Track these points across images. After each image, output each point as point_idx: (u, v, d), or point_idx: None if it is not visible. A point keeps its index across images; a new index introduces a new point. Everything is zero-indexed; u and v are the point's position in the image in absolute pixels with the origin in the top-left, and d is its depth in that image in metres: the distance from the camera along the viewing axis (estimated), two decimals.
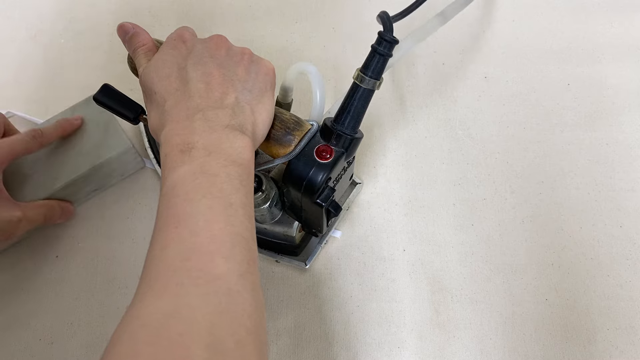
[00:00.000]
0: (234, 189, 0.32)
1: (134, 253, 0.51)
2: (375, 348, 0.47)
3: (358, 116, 0.40)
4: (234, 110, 0.36)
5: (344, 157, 0.41)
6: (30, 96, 0.60)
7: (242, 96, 0.37)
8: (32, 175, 0.50)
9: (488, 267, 0.51)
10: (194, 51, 0.38)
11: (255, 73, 0.39)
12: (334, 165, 0.39)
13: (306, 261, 0.50)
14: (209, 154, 0.33)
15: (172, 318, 0.26)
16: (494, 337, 0.48)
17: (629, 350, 0.47)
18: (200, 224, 0.30)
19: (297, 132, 0.40)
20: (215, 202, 0.31)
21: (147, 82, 0.38)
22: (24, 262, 0.51)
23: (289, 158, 0.40)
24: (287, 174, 0.40)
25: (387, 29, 0.38)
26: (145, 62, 0.39)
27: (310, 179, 0.39)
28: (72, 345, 0.47)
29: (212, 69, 0.37)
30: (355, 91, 0.39)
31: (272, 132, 0.40)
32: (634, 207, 0.54)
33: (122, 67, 0.62)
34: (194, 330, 0.26)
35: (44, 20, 0.66)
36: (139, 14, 0.67)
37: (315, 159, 0.39)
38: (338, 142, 0.40)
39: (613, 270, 0.51)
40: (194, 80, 0.36)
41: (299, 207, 0.44)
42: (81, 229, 0.53)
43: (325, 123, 0.41)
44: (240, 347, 0.27)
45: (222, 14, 0.67)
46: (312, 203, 0.41)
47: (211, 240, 0.30)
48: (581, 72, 0.62)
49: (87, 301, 0.49)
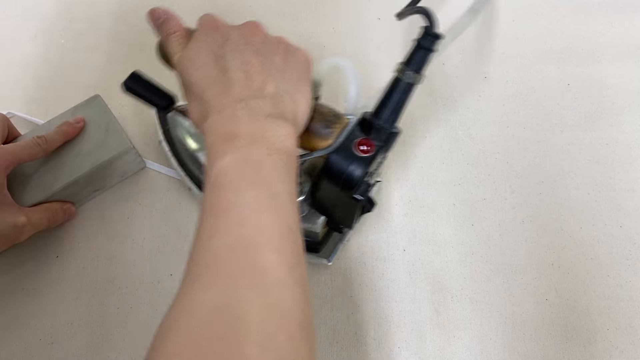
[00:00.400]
0: (279, 178, 0.31)
1: (134, 253, 0.51)
2: (375, 348, 0.47)
3: (398, 110, 0.40)
4: (275, 100, 0.35)
5: (383, 152, 0.40)
6: (30, 96, 0.60)
7: (282, 85, 0.36)
8: (32, 175, 0.50)
9: (488, 267, 0.51)
10: (230, 39, 0.36)
11: (293, 62, 0.37)
12: (373, 159, 0.39)
13: (328, 258, 0.50)
14: (253, 143, 0.32)
15: (221, 312, 0.25)
16: (494, 337, 0.48)
17: (629, 350, 0.47)
18: (246, 214, 0.29)
19: (337, 125, 0.40)
20: (261, 192, 0.30)
21: (182, 72, 0.37)
22: (24, 263, 0.51)
23: (328, 151, 0.39)
24: (326, 167, 0.40)
25: (432, 24, 0.38)
26: (179, 49, 0.38)
27: (350, 172, 0.39)
28: (72, 345, 0.47)
29: (250, 57, 0.36)
30: (396, 85, 0.39)
31: (311, 124, 0.39)
32: (634, 207, 0.54)
33: (122, 67, 0.62)
34: (244, 326, 0.25)
35: (45, 20, 0.66)
36: (139, 14, 0.67)
37: (355, 152, 0.39)
38: (377, 136, 0.39)
39: (613, 270, 0.51)
40: (232, 69, 0.35)
41: (331, 202, 0.43)
42: (81, 229, 0.53)
43: (364, 117, 0.40)
44: (293, 342, 0.26)
45: (222, 14, 0.67)
46: (349, 198, 0.40)
47: (258, 232, 0.29)
48: (581, 72, 0.62)
49: (87, 301, 0.49)
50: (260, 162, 0.31)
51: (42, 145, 0.49)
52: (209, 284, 0.27)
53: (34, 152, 0.48)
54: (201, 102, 0.35)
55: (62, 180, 0.50)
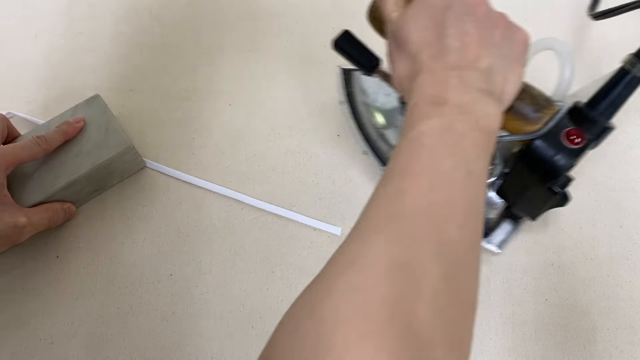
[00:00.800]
0: (478, 156, 0.31)
1: (134, 253, 0.51)
2: None
3: (618, 104, 0.37)
4: (488, 75, 0.34)
5: (592, 147, 0.38)
6: (30, 96, 0.60)
7: (496, 62, 0.35)
8: (32, 175, 0.50)
9: (488, 267, 0.51)
10: (453, 6, 0.36)
11: (512, 40, 0.36)
12: (582, 152, 0.37)
13: (499, 245, 0.50)
14: (460, 113, 0.32)
15: (403, 269, 0.25)
16: (494, 337, 0.48)
17: (629, 350, 0.47)
18: (440, 181, 0.29)
19: (547, 110, 0.37)
20: (458, 165, 0.30)
21: (401, 30, 0.37)
22: (24, 262, 0.51)
23: (535, 136, 0.37)
24: (527, 152, 0.38)
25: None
26: (397, 9, 0.38)
27: (555, 162, 0.37)
28: (72, 345, 0.47)
29: (470, 28, 0.35)
30: (622, 77, 0.37)
31: (520, 105, 0.37)
32: (634, 207, 0.54)
33: (123, 67, 0.62)
34: (422, 289, 0.25)
35: (45, 20, 0.66)
36: (139, 14, 0.67)
37: (563, 142, 0.37)
38: (589, 129, 0.37)
39: (613, 270, 0.51)
40: (451, 36, 0.35)
41: (521, 190, 0.42)
42: (82, 229, 0.53)
43: (576, 106, 0.38)
44: (459, 319, 0.27)
45: (222, 14, 0.67)
46: (545, 188, 0.39)
47: (448, 202, 0.29)
48: (581, 72, 0.62)
49: (87, 301, 0.49)
50: (464, 135, 0.31)
51: (42, 145, 0.49)
52: (393, 238, 0.27)
53: (34, 152, 0.48)
54: (414, 62, 0.35)
55: (62, 180, 0.50)
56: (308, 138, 0.58)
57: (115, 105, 0.58)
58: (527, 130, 0.38)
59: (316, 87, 0.61)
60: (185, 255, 0.51)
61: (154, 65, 0.63)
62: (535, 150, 0.37)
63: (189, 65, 0.63)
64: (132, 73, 0.62)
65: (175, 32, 0.66)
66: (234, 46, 0.64)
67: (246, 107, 0.60)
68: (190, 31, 0.66)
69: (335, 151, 0.57)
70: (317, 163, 0.56)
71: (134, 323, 0.48)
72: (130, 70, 0.63)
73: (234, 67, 0.62)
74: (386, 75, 0.44)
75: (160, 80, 0.62)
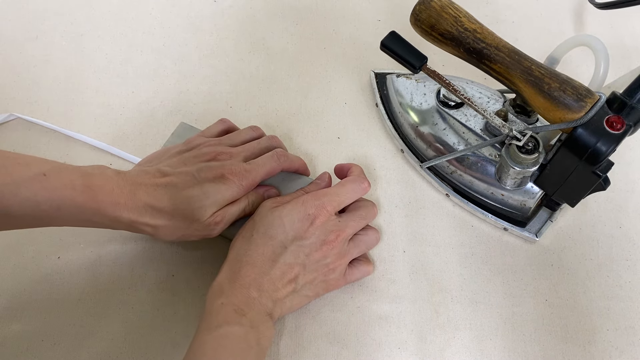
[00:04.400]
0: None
1: (136, 255, 0.52)
2: (375, 349, 0.47)
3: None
4: (277, 305, 0.42)
5: (631, 132, 0.41)
6: (31, 98, 0.60)
7: (292, 297, 0.44)
8: None
9: (488, 267, 0.51)
10: (302, 242, 0.43)
11: (325, 283, 0.46)
12: (622, 137, 0.40)
13: (537, 234, 0.51)
14: (252, 327, 0.39)
15: None
16: (494, 338, 0.48)
17: (628, 351, 0.47)
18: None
19: (589, 99, 0.41)
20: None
21: (272, 225, 0.44)
22: (25, 263, 0.51)
23: (579, 124, 0.40)
24: (571, 140, 0.41)
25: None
26: (270, 206, 0.45)
27: (598, 147, 0.40)
28: (73, 345, 0.47)
29: (295, 266, 0.43)
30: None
31: (562, 96, 0.41)
32: (634, 207, 0.54)
33: (122, 67, 0.63)
34: None
35: (45, 21, 0.66)
36: (140, 15, 0.67)
37: (605, 128, 0.40)
38: (628, 115, 0.40)
39: (612, 271, 0.51)
40: (279, 263, 0.42)
41: (563, 176, 0.44)
42: (82, 229, 0.53)
43: (615, 94, 0.41)
44: None
45: (222, 15, 0.67)
46: (589, 172, 0.42)
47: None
48: (581, 72, 0.62)
49: (88, 302, 0.49)
50: (251, 347, 0.39)
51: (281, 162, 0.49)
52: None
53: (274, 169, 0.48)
54: (236, 263, 0.43)
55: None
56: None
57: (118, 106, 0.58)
58: (570, 118, 0.41)
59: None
60: (186, 255, 0.52)
61: (154, 66, 0.63)
62: (579, 137, 0.41)
63: None
64: (132, 74, 0.62)
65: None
66: (236, 49, 0.64)
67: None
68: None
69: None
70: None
71: (135, 324, 0.48)
72: (130, 71, 0.63)
73: (235, 68, 0.63)
74: (433, 72, 0.46)
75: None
